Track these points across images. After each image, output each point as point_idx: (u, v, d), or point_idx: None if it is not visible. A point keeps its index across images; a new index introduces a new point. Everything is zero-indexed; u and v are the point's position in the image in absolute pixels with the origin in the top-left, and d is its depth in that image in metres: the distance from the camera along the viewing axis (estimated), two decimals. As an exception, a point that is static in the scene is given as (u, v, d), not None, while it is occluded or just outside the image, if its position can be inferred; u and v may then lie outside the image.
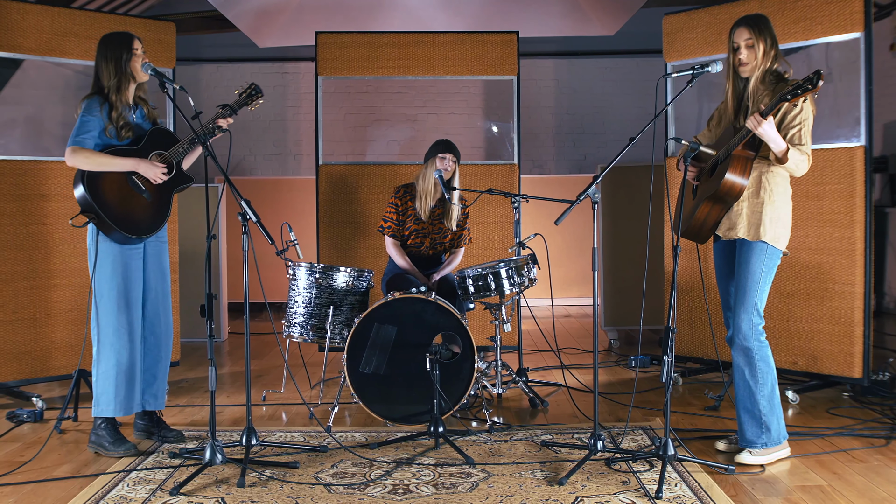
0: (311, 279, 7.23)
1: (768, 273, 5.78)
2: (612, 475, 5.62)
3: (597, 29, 13.13)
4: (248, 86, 6.76)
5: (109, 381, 6.27)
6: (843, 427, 6.68)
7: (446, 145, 7.91)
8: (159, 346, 6.56)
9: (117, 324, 6.26)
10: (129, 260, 6.30)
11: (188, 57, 14.29)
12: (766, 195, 5.75)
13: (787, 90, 5.37)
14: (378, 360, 6.75)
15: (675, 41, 8.57)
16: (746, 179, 5.68)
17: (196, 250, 10.07)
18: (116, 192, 6.20)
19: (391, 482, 5.55)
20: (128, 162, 6.23)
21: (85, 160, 6.12)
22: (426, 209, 7.92)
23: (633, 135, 5.89)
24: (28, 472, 5.88)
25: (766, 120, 5.45)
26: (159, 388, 6.60)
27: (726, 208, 5.84)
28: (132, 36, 6.38)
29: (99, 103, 6.26)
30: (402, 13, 12.35)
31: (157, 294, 6.53)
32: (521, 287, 7.19)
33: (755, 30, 5.76)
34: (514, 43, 9.42)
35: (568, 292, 13.51)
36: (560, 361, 8.50)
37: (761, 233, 5.74)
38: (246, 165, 15.12)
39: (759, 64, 5.78)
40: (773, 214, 5.75)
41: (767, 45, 5.75)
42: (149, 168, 6.26)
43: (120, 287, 6.26)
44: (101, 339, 6.29)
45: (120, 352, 6.25)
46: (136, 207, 6.27)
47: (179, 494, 5.36)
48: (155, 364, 6.55)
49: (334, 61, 9.39)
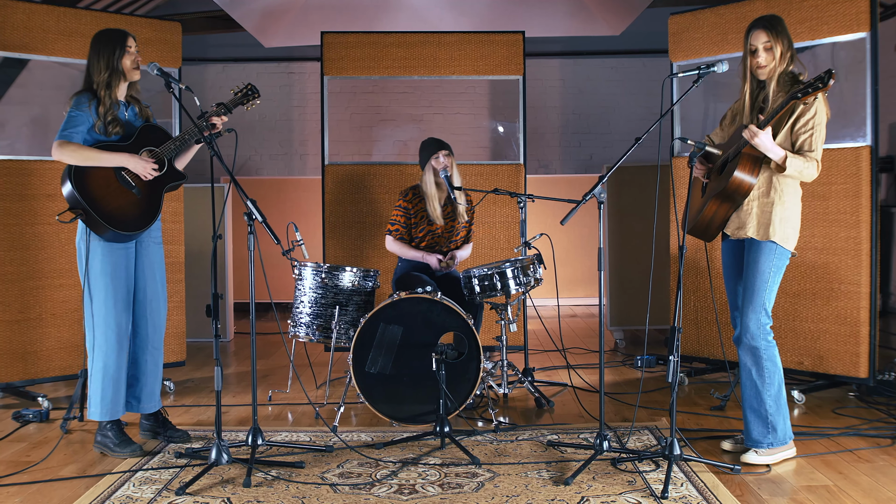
0: (317, 279, 7.23)
1: (777, 273, 5.77)
2: (618, 475, 5.62)
3: (603, 29, 13.13)
4: (245, 86, 6.74)
5: (97, 384, 6.26)
6: (848, 427, 6.67)
7: (436, 143, 7.91)
8: (144, 348, 6.52)
9: (105, 325, 6.23)
10: (118, 259, 6.27)
11: (194, 57, 14.31)
12: (777, 195, 5.74)
13: (798, 89, 5.36)
14: (384, 359, 6.75)
15: (680, 41, 8.57)
16: (755, 178, 5.67)
17: (202, 250, 10.08)
18: (105, 188, 6.15)
19: (397, 482, 5.55)
20: (116, 157, 6.17)
21: (71, 154, 6.08)
22: (437, 212, 7.91)
23: (638, 135, 5.89)
24: (34, 471, 5.89)
25: (763, 131, 5.45)
26: (143, 391, 6.56)
27: (734, 207, 5.83)
28: (126, 33, 6.35)
29: (88, 99, 6.24)
30: (407, 13, 12.36)
31: (147, 295, 6.49)
32: (527, 287, 7.18)
33: (773, 32, 5.74)
34: (520, 43, 9.42)
35: (574, 292, 13.52)
36: (566, 361, 8.51)
37: (771, 233, 5.73)
38: (252, 165, 15.12)
39: (777, 66, 5.77)
40: (782, 214, 5.75)
41: (784, 47, 5.74)
42: (138, 164, 6.20)
43: (108, 287, 6.22)
44: (93, 342, 6.26)
45: (108, 354, 6.23)
46: (125, 204, 6.22)
47: (185, 494, 5.36)
48: (139, 367, 6.53)
49: (340, 61, 9.39)
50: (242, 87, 6.73)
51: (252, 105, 6.73)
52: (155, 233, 6.52)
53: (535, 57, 14.31)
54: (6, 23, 7.68)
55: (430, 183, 7.88)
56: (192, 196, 8.17)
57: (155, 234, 6.53)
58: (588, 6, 12.59)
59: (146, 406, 6.59)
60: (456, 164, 7.98)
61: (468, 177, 9.22)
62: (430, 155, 7.85)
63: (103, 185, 6.16)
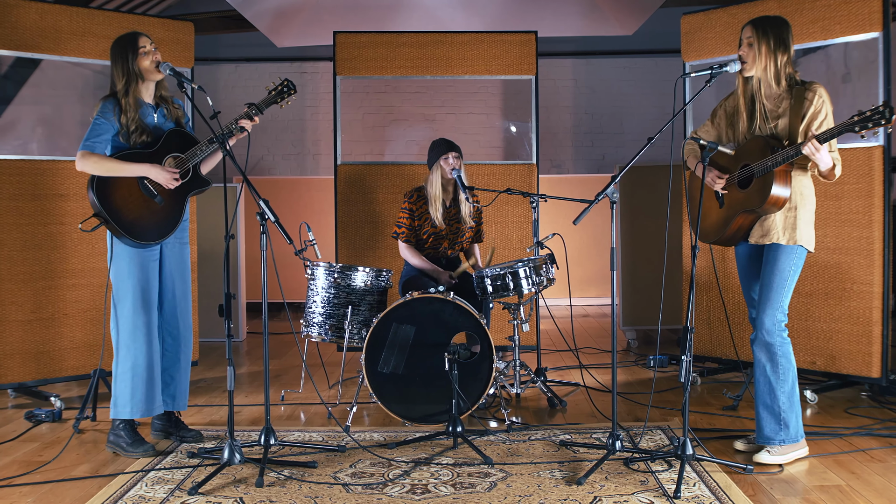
0: (330, 279, 7.23)
1: (795, 272, 5.79)
2: (631, 475, 5.62)
3: (615, 28, 13.12)
4: (281, 82, 6.58)
5: (126, 382, 6.25)
6: (861, 427, 6.67)
7: (446, 144, 7.87)
8: (178, 348, 6.55)
9: (133, 325, 6.24)
10: (145, 261, 6.28)
11: (206, 57, 14.33)
12: (798, 199, 5.75)
13: (855, 122, 5.33)
14: (396, 359, 6.75)
15: (693, 41, 8.56)
16: (790, 188, 5.69)
17: (214, 250, 10.09)
18: (127, 197, 6.16)
19: (409, 482, 5.55)
20: (138, 168, 6.15)
21: (94, 166, 6.08)
22: (440, 213, 7.88)
23: (651, 134, 5.89)
24: (46, 471, 5.90)
25: (823, 146, 5.45)
26: (177, 390, 6.59)
27: (759, 217, 5.84)
28: (137, 34, 6.30)
29: (113, 106, 6.22)
30: (420, 13, 12.36)
31: (176, 295, 6.51)
32: (540, 287, 7.18)
33: (759, 30, 5.75)
34: (533, 43, 9.42)
35: (586, 292, 13.52)
36: (578, 361, 8.51)
37: (798, 237, 5.74)
38: (264, 165, 15.14)
39: (758, 63, 5.77)
40: (805, 217, 5.78)
41: (770, 46, 5.73)
42: (161, 174, 6.18)
43: (136, 288, 6.24)
44: (119, 341, 6.27)
45: (137, 353, 6.24)
46: (146, 213, 6.23)
47: (198, 494, 5.37)
48: (173, 366, 6.55)
49: (353, 61, 9.40)
50: (278, 84, 6.56)
51: (288, 102, 6.66)
52: (180, 233, 6.52)
53: (547, 57, 14.30)
54: (19, 22, 7.70)
55: (436, 183, 7.86)
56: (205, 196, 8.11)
57: (180, 235, 6.52)
58: (600, 6, 12.59)
59: (180, 404, 6.63)
60: (464, 165, 7.97)
61: (480, 176, 9.21)
62: (438, 155, 7.83)
63: (125, 194, 6.17)
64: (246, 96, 14.70)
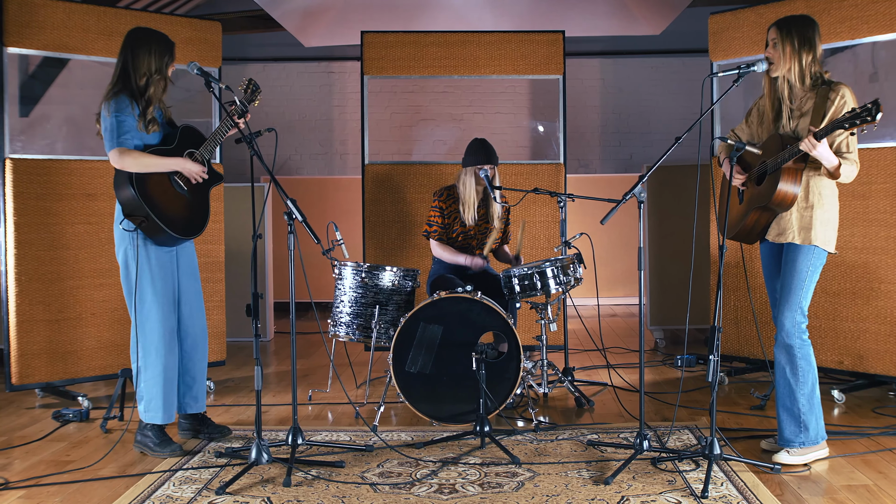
0: (357, 278, 7.24)
1: (814, 273, 5.76)
2: (658, 475, 5.61)
3: (643, 28, 13.10)
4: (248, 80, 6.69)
5: (157, 387, 6.28)
6: (889, 426, 6.64)
7: (486, 156, 7.81)
8: (196, 349, 6.58)
9: (162, 329, 6.26)
10: (164, 262, 6.32)
11: (234, 56, 14.35)
12: (816, 199, 5.73)
13: (846, 118, 5.32)
14: (424, 359, 6.76)
15: (720, 40, 8.54)
16: (799, 187, 5.67)
17: (242, 250, 10.11)
18: (162, 193, 6.20)
19: (437, 482, 5.56)
20: (172, 162, 6.23)
21: (133, 161, 6.09)
22: (471, 215, 7.88)
23: (678, 134, 5.88)
24: (74, 471, 5.93)
25: (821, 143, 5.43)
26: (199, 391, 6.62)
27: (775, 214, 5.82)
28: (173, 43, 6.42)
29: (128, 100, 6.22)
30: (447, 12, 12.35)
31: (191, 296, 6.55)
32: (567, 286, 7.17)
33: (783, 30, 5.75)
34: (560, 42, 9.41)
35: (614, 291, 13.49)
36: (606, 361, 8.49)
37: (813, 237, 5.72)
38: (292, 165, 15.16)
39: (784, 64, 5.76)
40: (823, 217, 5.74)
41: (794, 46, 5.71)
42: (192, 167, 6.27)
43: (158, 291, 6.27)
44: (146, 345, 6.28)
45: (167, 357, 6.27)
46: (180, 208, 6.28)
47: (225, 494, 5.39)
48: (194, 366, 6.58)
49: (380, 61, 9.40)
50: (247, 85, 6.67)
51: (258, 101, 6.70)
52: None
53: (575, 56, 14.30)
54: (46, 22, 7.73)
55: (469, 185, 7.84)
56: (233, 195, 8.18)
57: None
58: (628, 6, 12.57)
59: (202, 404, 6.66)
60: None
61: (508, 176, 9.21)
62: (476, 163, 7.80)
63: (161, 190, 6.21)
64: (273, 96, 14.76)
